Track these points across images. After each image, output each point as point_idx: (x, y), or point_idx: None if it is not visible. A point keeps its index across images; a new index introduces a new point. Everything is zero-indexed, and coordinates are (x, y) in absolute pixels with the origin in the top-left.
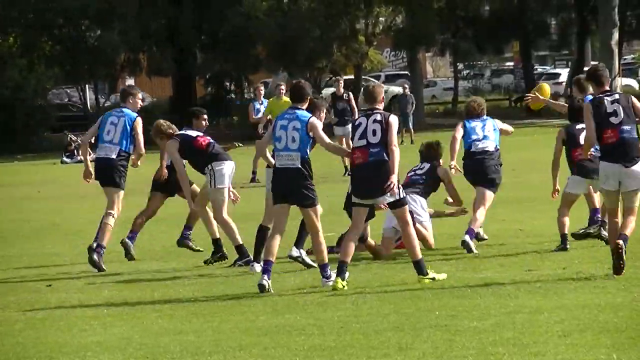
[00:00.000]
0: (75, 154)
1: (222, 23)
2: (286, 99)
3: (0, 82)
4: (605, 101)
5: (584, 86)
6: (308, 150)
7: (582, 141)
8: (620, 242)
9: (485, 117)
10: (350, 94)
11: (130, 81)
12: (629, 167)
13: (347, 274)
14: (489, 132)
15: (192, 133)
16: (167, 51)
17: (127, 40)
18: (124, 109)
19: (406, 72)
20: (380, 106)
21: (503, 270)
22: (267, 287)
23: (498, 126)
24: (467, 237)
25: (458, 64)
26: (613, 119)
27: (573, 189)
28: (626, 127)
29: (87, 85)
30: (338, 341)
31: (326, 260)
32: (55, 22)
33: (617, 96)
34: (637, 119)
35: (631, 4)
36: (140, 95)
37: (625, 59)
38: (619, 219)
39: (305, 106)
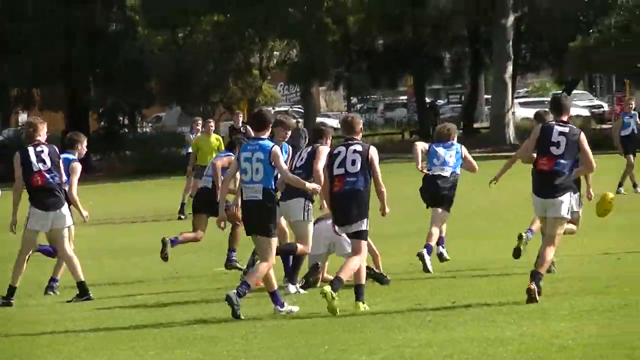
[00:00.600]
0: None
1: (116, 57)
2: (216, 135)
3: None
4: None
5: (544, 118)
6: (272, 182)
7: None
8: (533, 286)
9: (452, 143)
10: (248, 127)
11: (24, 116)
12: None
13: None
14: (449, 159)
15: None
16: (61, 85)
17: (20, 74)
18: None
19: (300, 106)
20: (359, 137)
21: (393, 304)
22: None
23: (463, 154)
24: (424, 251)
25: (352, 97)
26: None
27: None
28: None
29: None
30: None
31: (275, 287)
32: None
33: (567, 129)
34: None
35: (525, 37)
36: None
37: (519, 92)
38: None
39: (267, 134)
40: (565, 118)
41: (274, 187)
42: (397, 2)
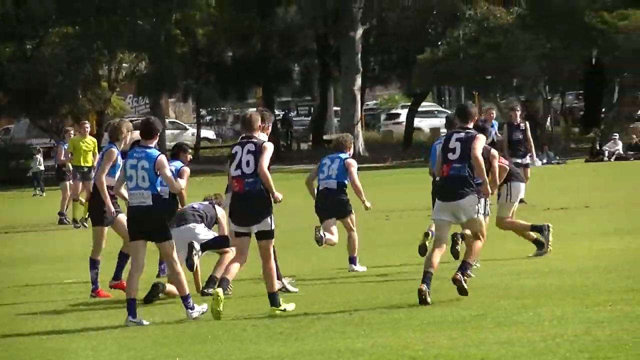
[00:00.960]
0: None
1: None
2: (91, 137)
3: None
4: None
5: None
6: (159, 188)
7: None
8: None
9: (337, 155)
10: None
11: None
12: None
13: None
14: (332, 172)
15: None
16: None
17: None
18: None
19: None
20: (257, 134)
21: (245, 315)
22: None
23: (346, 167)
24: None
25: (201, 109)
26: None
27: None
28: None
29: None
30: None
31: (187, 292)
32: None
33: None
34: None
35: (373, 50)
36: None
37: (367, 104)
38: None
39: (154, 143)
40: (469, 125)
41: (160, 193)
42: (245, 14)
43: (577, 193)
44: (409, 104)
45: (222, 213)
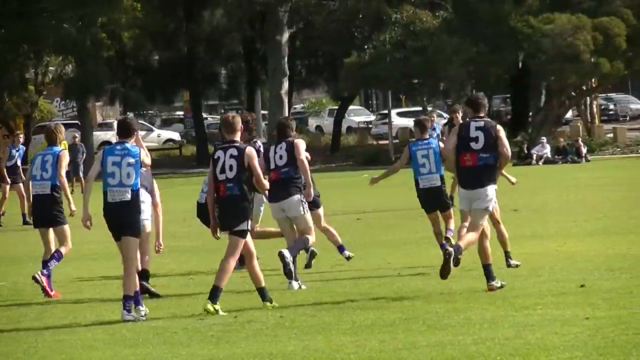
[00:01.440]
0: None
1: None
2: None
3: None
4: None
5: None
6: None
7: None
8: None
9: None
10: None
11: None
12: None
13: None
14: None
15: None
16: None
17: None
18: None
19: (76, 122)
20: (237, 136)
21: (175, 318)
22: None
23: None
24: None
25: (128, 112)
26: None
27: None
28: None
29: None
30: None
31: (132, 292)
32: None
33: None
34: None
35: (300, 54)
36: None
37: (295, 108)
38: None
39: (132, 141)
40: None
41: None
42: (171, 17)
43: (506, 197)
44: (337, 107)
45: None
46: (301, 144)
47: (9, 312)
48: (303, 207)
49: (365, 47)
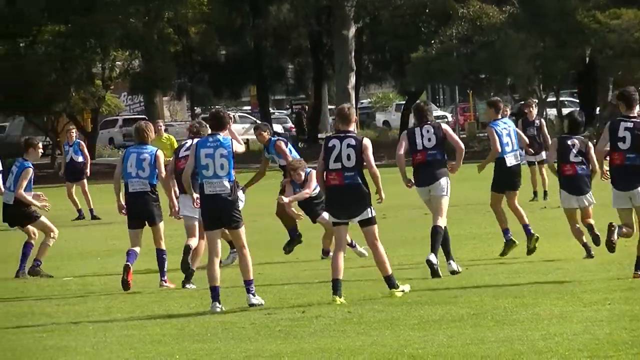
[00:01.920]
0: None
1: None
2: (167, 135)
3: None
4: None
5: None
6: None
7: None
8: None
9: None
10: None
11: None
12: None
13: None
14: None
15: None
16: None
17: None
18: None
19: (144, 116)
20: (352, 127)
21: (243, 313)
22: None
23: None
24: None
25: (195, 107)
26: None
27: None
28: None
29: None
30: None
31: (251, 277)
32: None
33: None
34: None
35: (367, 49)
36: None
37: (362, 102)
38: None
39: (225, 133)
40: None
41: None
42: (238, 12)
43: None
44: (403, 102)
45: None
46: (449, 127)
47: (77, 307)
48: (447, 189)
49: (432, 41)
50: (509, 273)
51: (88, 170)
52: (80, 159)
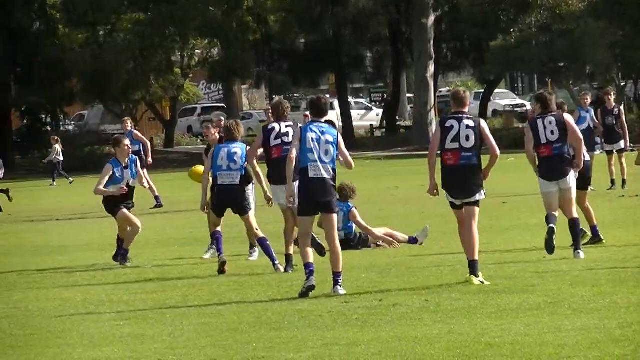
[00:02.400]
0: None
1: (37, 55)
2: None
3: None
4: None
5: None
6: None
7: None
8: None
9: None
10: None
11: None
12: None
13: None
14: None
15: None
16: None
17: None
18: None
19: (222, 105)
20: (467, 109)
21: (320, 302)
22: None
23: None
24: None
25: (274, 96)
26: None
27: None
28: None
29: None
30: None
31: (340, 269)
32: None
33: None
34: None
35: (446, 37)
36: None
37: (440, 91)
38: None
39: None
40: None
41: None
42: (317, 0)
43: None
44: (482, 90)
45: None
46: (571, 117)
47: (154, 295)
48: (574, 180)
49: (511, 30)
50: (586, 261)
51: (149, 159)
52: (137, 147)
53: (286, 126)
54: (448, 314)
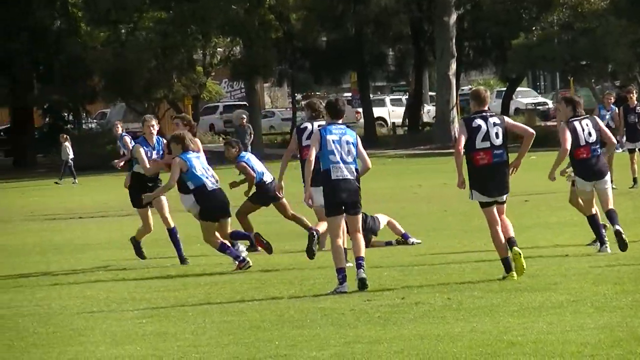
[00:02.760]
0: None
1: (59, 53)
2: None
3: None
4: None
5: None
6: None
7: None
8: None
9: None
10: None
11: None
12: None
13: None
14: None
15: None
16: (3, 81)
17: None
18: None
19: (244, 103)
20: (487, 107)
21: (342, 299)
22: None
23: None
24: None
25: (296, 94)
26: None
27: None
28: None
29: None
30: None
31: (363, 253)
32: None
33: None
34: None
35: (468, 35)
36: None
37: (462, 89)
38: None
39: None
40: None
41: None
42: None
43: None
44: (504, 89)
45: None
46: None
47: (177, 293)
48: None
49: (533, 28)
50: (608, 259)
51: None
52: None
53: (318, 126)
54: (470, 312)
